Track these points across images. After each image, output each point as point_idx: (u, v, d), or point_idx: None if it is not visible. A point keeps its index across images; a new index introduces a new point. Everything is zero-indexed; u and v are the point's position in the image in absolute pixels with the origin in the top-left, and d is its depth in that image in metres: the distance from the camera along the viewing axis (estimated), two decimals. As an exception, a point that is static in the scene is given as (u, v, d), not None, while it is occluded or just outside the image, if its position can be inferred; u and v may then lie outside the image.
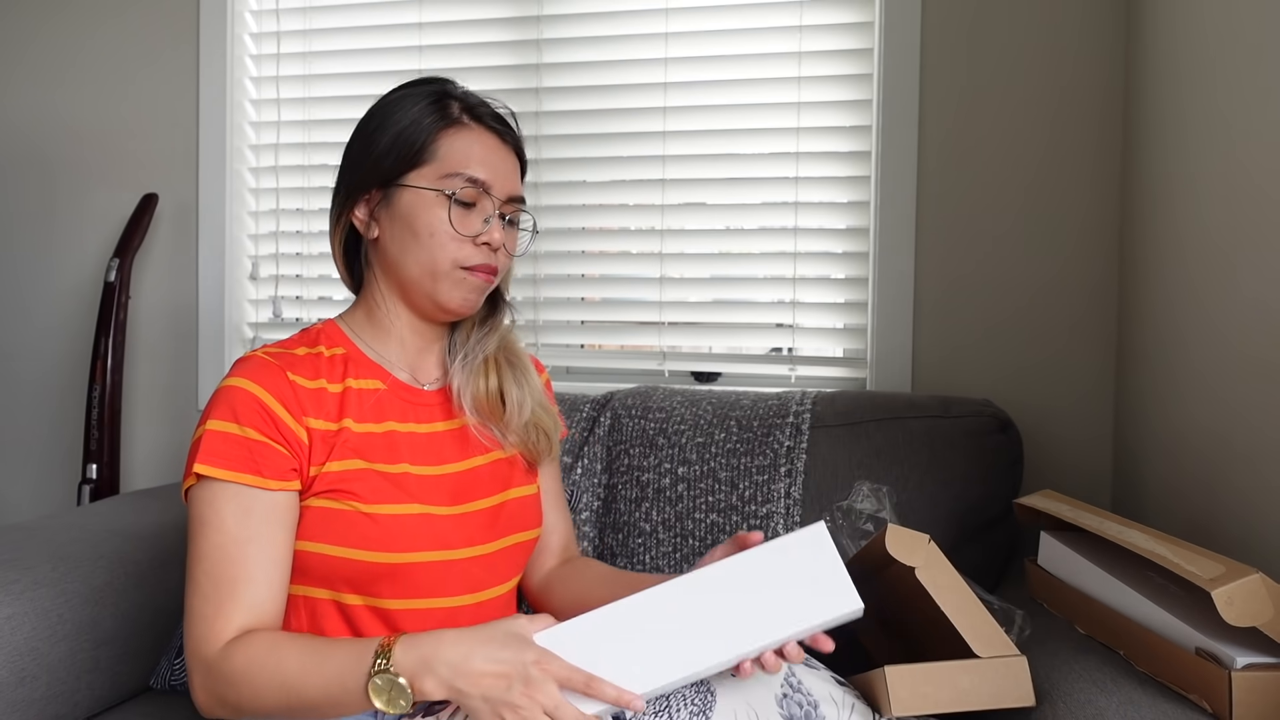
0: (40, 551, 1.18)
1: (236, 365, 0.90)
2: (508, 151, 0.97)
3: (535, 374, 1.06)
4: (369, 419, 0.92)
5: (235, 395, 0.86)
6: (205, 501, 0.84)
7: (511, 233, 0.98)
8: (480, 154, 0.94)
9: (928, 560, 0.89)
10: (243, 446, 0.84)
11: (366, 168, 0.94)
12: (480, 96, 0.98)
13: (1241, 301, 1.02)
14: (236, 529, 0.83)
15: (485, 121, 0.96)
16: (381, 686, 0.74)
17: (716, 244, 1.65)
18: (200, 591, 0.82)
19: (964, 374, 1.54)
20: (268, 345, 0.94)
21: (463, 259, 0.92)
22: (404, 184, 0.92)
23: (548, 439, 1.03)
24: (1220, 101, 1.08)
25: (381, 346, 0.98)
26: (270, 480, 0.84)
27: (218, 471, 0.83)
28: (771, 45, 1.60)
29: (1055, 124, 1.49)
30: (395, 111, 0.94)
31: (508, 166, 0.96)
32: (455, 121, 0.94)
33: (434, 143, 0.93)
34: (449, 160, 0.92)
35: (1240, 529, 1.02)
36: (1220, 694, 0.73)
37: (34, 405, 1.92)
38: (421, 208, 0.92)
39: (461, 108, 0.95)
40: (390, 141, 0.93)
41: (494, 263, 0.95)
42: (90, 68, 1.87)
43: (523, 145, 1.01)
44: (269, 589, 0.84)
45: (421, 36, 1.74)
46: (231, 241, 1.81)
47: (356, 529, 0.87)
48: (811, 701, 0.82)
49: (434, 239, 0.91)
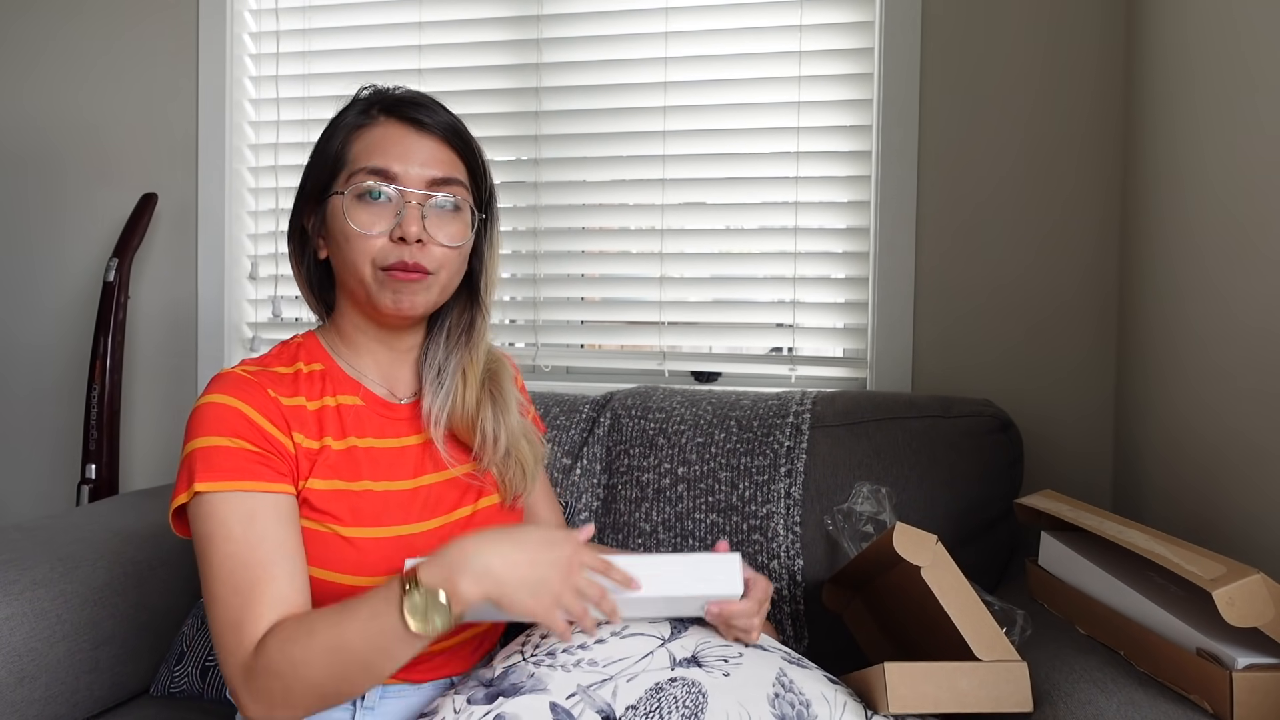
0: (40, 552, 1.18)
1: (214, 382, 0.88)
2: (422, 136, 0.90)
3: (516, 408, 1.01)
4: (349, 435, 0.91)
5: (218, 411, 0.85)
6: (208, 516, 0.82)
7: (442, 221, 0.90)
8: (383, 144, 0.89)
9: (935, 560, 0.89)
10: (235, 456, 0.83)
11: (308, 190, 0.93)
12: (410, 92, 0.93)
13: (1242, 301, 1.02)
14: (245, 534, 0.81)
15: (398, 111, 0.91)
16: (418, 604, 0.73)
17: (716, 244, 1.65)
18: (224, 604, 0.80)
19: (964, 374, 1.53)
20: (246, 361, 0.93)
21: (379, 258, 0.88)
22: (326, 195, 0.91)
23: (523, 475, 0.99)
24: (1221, 102, 1.08)
25: (356, 361, 0.96)
26: (270, 483, 0.84)
27: (216, 485, 0.82)
28: (771, 45, 1.60)
29: (1055, 123, 1.49)
30: (329, 130, 0.93)
31: (422, 150, 0.90)
32: (369, 121, 0.91)
33: (347, 147, 0.90)
34: (355, 159, 0.90)
35: (1241, 529, 1.02)
36: (1221, 694, 0.73)
37: (33, 405, 1.92)
38: (336, 214, 0.90)
39: (380, 108, 0.92)
40: (318, 158, 0.92)
41: (415, 259, 0.88)
42: (89, 67, 1.87)
43: (455, 126, 0.93)
44: (290, 582, 0.81)
45: (421, 36, 1.74)
46: (231, 241, 1.81)
47: (334, 552, 0.87)
48: (804, 701, 0.82)
49: (349, 243, 0.88)
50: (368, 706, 0.90)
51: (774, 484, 1.25)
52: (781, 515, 1.23)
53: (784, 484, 1.25)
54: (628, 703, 0.79)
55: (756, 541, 1.23)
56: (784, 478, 1.25)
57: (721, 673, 0.83)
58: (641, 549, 1.26)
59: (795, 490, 1.25)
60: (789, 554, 1.22)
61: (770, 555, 1.22)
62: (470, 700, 0.82)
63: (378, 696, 0.91)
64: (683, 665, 0.83)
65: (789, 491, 1.25)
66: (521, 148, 1.71)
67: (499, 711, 0.79)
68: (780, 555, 1.22)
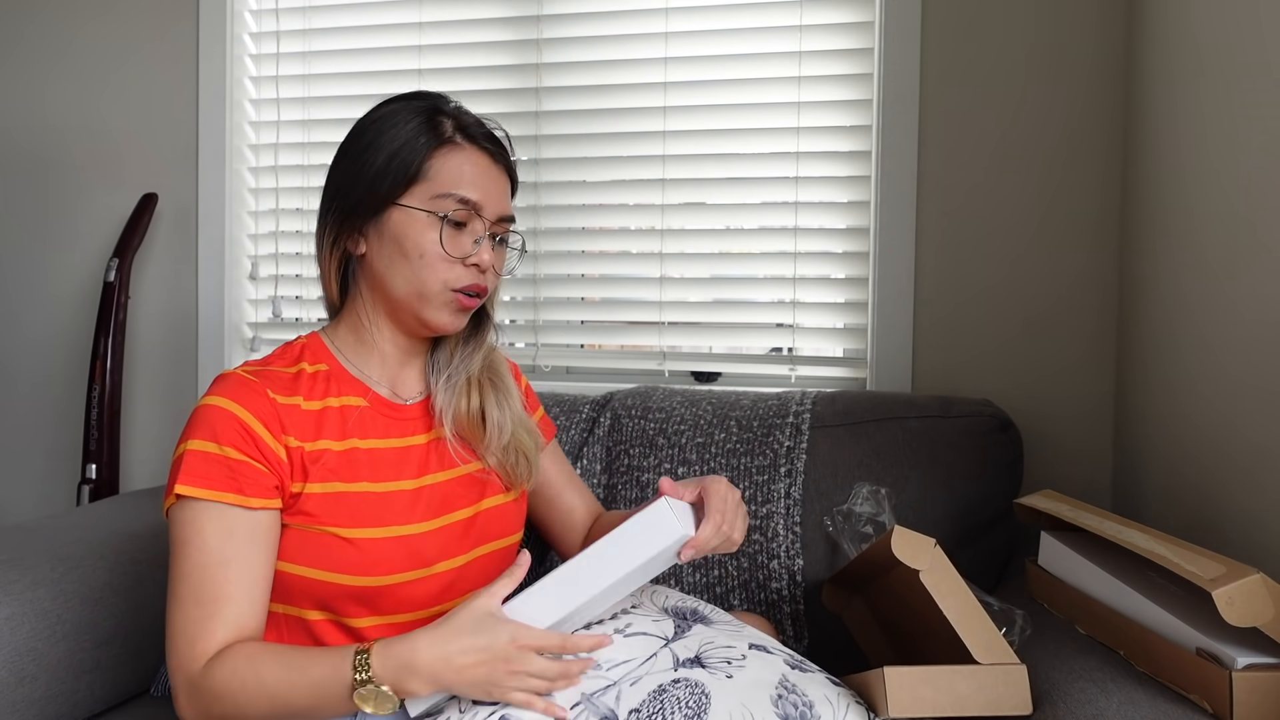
0: (40, 551, 1.18)
1: (215, 383, 0.89)
2: (499, 171, 0.96)
3: (517, 395, 1.04)
4: (351, 436, 0.92)
5: (214, 414, 0.86)
6: (186, 522, 0.84)
7: (500, 252, 0.98)
8: (472, 174, 0.92)
9: (933, 563, 0.89)
10: (224, 466, 0.84)
11: (363, 189, 0.92)
12: (472, 114, 0.97)
13: (1242, 301, 1.02)
14: (219, 549, 0.83)
15: (478, 141, 0.94)
16: (367, 695, 0.76)
17: (716, 244, 1.65)
18: (183, 609, 0.83)
19: (964, 374, 1.54)
20: (249, 362, 0.94)
21: (452, 280, 0.92)
22: (396, 203, 0.91)
23: (527, 463, 1.02)
24: (1222, 102, 1.08)
25: (363, 363, 0.97)
26: (252, 499, 0.84)
27: (199, 491, 0.83)
28: (771, 45, 1.60)
29: (1055, 123, 1.49)
30: (388, 129, 0.92)
31: (499, 187, 0.95)
32: (448, 140, 0.92)
33: (427, 162, 0.91)
34: (441, 180, 0.91)
35: (1241, 529, 1.02)
36: (1221, 694, 0.73)
37: (33, 405, 1.92)
38: (412, 228, 0.90)
39: (455, 126, 0.93)
40: (385, 161, 0.91)
41: (482, 283, 0.94)
42: (90, 67, 1.87)
43: (514, 165, 1.00)
44: (250, 606, 0.84)
45: (421, 36, 1.74)
46: (231, 241, 1.81)
47: (335, 553, 0.87)
48: (807, 702, 0.82)
49: (424, 260, 0.90)
50: None
51: (774, 484, 1.25)
52: (781, 515, 1.23)
53: (784, 484, 1.25)
54: (631, 706, 0.79)
55: (756, 541, 1.23)
56: (784, 478, 1.25)
57: (724, 674, 0.83)
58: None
59: (795, 490, 1.25)
60: (789, 554, 1.22)
61: (770, 555, 1.22)
62: (476, 701, 0.82)
63: None
64: (686, 666, 0.83)
65: (789, 491, 1.25)
66: (521, 148, 1.71)
67: (502, 714, 0.79)
68: (780, 555, 1.22)
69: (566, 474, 1.15)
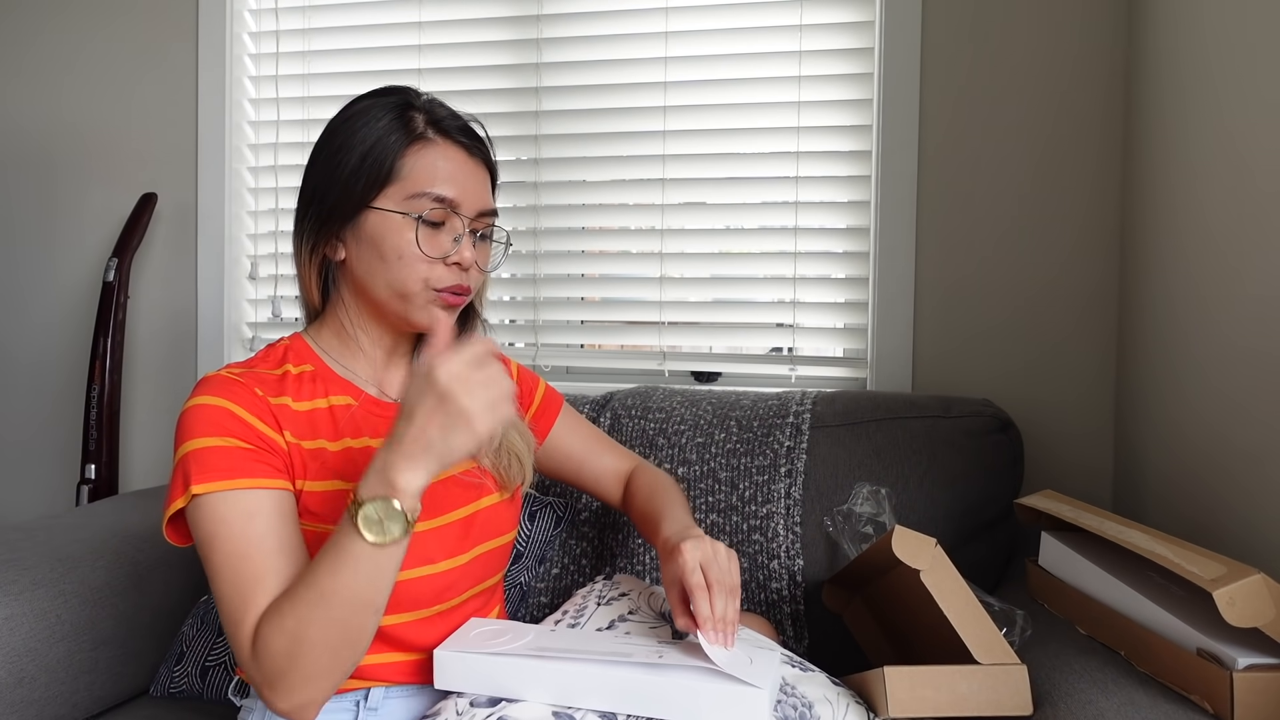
0: (39, 552, 1.17)
1: (199, 386, 0.87)
2: (476, 165, 0.93)
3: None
4: (343, 436, 0.91)
5: (206, 412, 0.84)
6: (208, 517, 0.81)
7: (484, 248, 0.95)
8: (447, 170, 0.89)
9: (933, 564, 0.89)
10: (229, 455, 0.83)
11: (337, 193, 0.90)
12: (445, 106, 0.94)
13: (1242, 300, 1.02)
14: (244, 533, 0.81)
15: (452, 135, 0.91)
16: (370, 516, 0.73)
17: (716, 244, 1.65)
18: (228, 603, 0.80)
19: (964, 374, 1.53)
20: (231, 365, 0.92)
21: (433, 280, 0.89)
22: (370, 206, 0.89)
23: (520, 464, 1.00)
24: (1221, 99, 1.08)
25: (350, 362, 0.96)
26: (264, 479, 0.83)
27: (213, 485, 0.81)
28: (771, 45, 1.60)
29: (1055, 123, 1.49)
30: (359, 128, 0.90)
31: (477, 181, 0.92)
32: (420, 136, 0.89)
33: (399, 161, 0.89)
34: (414, 179, 0.88)
35: (1241, 529, 1.02)
36: (1222, 695, 0.73)
37: (33, 405, 1.91)
38: (389, 230, 0.88)
39: (427, 120, 0.91)
40: (357, 162, 0.89)
41: (465, 282, 0.91)
42: (89, 67, 1.87)
43: (492, 155, 0.96)
44: (292, 571, 0.81)
45: (421, 36, 1.74)
46: (230, 241, 1.81)
47: None
48: (806, 703, 0.82)
49: (402, 261, 0.88)
50: (371, 708, 0.90)
51: (774, 484, 1.25)
52: (781, 515, 1.23)
53: (784, 484, 1.25)
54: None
55: (756, 542, 1.23)
56: (784, 478, 1.25)
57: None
58: (641, 549, 1.26)
59: (795, 490, 1.25)
60: (789, 554, 1.22)
61: (770, 555, 1.22)
62: (473, 703, 0.82)
63: (381, 697, 0.91)
64: None
65: (789, 491, 1.24)
66: (521, 148, 1.71)
67: (501, 715, 0.79)
68: (780, 555, 1.22)
69: (586, 442, 1.14)
